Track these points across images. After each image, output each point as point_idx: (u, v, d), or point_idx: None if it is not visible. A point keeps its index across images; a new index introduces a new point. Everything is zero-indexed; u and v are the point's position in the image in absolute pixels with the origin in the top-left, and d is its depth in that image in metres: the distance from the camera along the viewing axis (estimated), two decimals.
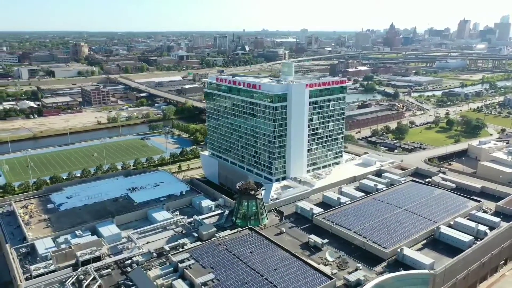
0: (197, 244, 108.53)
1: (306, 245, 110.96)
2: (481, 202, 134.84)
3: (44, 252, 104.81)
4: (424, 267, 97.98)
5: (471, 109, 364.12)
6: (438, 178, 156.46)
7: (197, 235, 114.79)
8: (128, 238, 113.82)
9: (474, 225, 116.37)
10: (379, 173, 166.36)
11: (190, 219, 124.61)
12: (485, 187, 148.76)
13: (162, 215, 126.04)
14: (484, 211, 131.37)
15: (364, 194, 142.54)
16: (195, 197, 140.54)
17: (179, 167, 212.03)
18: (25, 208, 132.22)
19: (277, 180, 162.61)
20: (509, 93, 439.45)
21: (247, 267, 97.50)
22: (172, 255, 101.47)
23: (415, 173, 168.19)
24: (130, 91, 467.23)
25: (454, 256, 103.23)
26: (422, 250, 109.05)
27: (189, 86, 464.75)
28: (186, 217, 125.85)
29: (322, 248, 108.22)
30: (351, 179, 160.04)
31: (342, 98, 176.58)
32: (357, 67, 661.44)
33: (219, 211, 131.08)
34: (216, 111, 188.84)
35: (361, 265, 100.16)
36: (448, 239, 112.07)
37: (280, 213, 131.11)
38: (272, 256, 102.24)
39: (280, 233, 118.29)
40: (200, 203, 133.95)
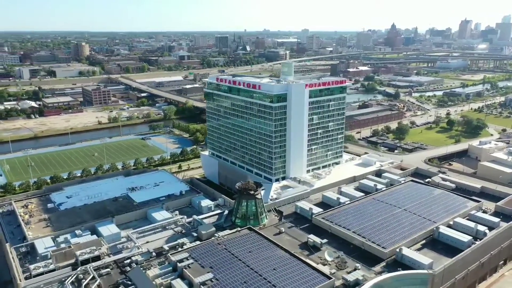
0: (196, 243, 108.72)
1: (305, 245, 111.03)
2: (481, 202, 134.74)
3: (43, 252, 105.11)
4: (423, 267, 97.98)
5: (472, 109, 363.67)
6: (438, 178, 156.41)
7: (196, 234, 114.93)
8: (128, 237, 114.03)
9: (473, 225, 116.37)
10: (379, 173, 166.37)
11: (190, 218, 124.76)
12: (485, 187, 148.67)
13: (161, 215, 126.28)
14: (484, 211, 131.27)
15: (363, 194, 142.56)
16: (194, 197, 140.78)
17: (179, 167, 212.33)
18: (25, 208, 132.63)
19: (277, 180, 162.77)
20: (510, 93, 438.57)
21: (246, 266, 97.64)
22: (171, 254, 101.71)
23: (415, 173, 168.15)
24: (131, 91, 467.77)
25: (453, 256, 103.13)
26: (421, 250, 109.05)
27: (190, 86, 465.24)
28: (185, 216, 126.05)
29: (321, 248, 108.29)
30: (350, 179, 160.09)
31: (342, 98, 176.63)
32: (358, 67, 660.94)
33: (218, 211, 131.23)
34: (216, 111, 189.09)
35: (360, 265, 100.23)
36: (447, 239, 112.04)
37: (280, 213, 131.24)
38: (271, 255, 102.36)
39: (279, 233, 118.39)
40: (200, 203, 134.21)
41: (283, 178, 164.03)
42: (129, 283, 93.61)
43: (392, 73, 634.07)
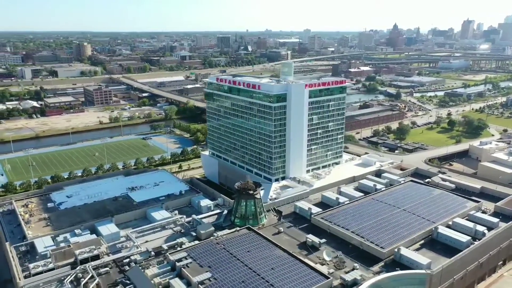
0: (195, 243, 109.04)
1: (303, 244, 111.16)
2: (480, 202, 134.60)
3: (43, 251, 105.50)
4: (421, 267, 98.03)
5: (473, 109, 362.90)
6: (437, 179, 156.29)
7: (195, 234, 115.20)
8: (127, 237, 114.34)
9: (472, 225, 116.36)
10: (378, 173, 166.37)
11: (189, 218, 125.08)
12: (484, 187, 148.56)
13: (161, 214, 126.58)
14: (483, 211, 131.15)
15: (363, 194, 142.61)
16: (194, 197, 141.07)
17: (180, 166, 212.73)
18: (25, 207, 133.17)
19: (277, 180, 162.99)
20: None
21: (244, 266, 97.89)
22: (170, 254, 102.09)
23: (414, 173, 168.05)
24: (133, 91, 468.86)
25: (451, 256, 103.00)
26: (420, 250, 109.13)
27: (191, 86, 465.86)
28: (185, 216, 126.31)
29: (319, 248, 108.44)
30: (350, 179, 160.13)
31: (342, 98, 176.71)
32: (360, 67, 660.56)
33: (217, 211, 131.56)
34: (216, 111, 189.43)
35: (358, 264, 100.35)
36: (446, 239, 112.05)
37: (279, 213, 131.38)
38: (270, 255, 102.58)
39: (278, 232, 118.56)
40: (199, 202, 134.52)
41: (283, 178, 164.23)
42: (128, 282, 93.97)
43: (393, 73, 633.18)
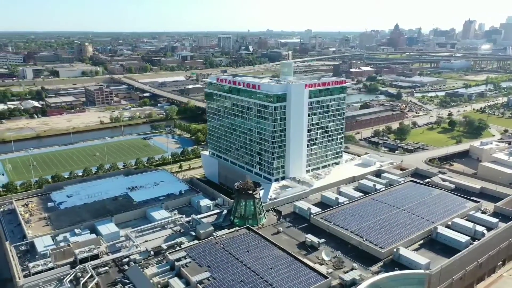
0: (194, 243, 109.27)
1: (303, 244, 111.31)
2: (480, 202, 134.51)
3: (43, 250, 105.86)
4: (419, 267, 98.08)
5: (474, 110, 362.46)
6: (437, 179, 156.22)
7: (194, 234, 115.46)
8: (127, 236, 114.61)
9: (471, 225, 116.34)
10: (378, 173, 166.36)
11: (189, 218, 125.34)
12: (484, 187, 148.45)
13: (160, 214, 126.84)
14: (483, 211, 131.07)
15: (362, 194, 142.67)
16: (194, 197, 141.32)
17: (180, 166, 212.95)
18: (25, 207, 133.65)
19: (276, 180, 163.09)
20: None
21: (243, 266, 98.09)
22: (169, 253, 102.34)
23: (414, 173, 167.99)
24: (134, 91, 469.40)
25: (450, 257, 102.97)
26: (419, 250, 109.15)
27: (192, 86, 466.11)
28: (184, 216, 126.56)
29: (318, 248, 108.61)
30: (350, 179, 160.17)
31: (342, 98, 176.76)
32: (361, 67, 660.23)
33: (217, 211, 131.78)
34: (216, 111, 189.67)
35: (357, 264, 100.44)
36: (445, 239, 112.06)
37: (278, 212, 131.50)
38: (268, 255, 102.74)
39: (277, 232, 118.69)
40: (199, 202, 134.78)
41: (283, 178, 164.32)
42: (127, 281, 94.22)
43: (395, 74, 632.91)
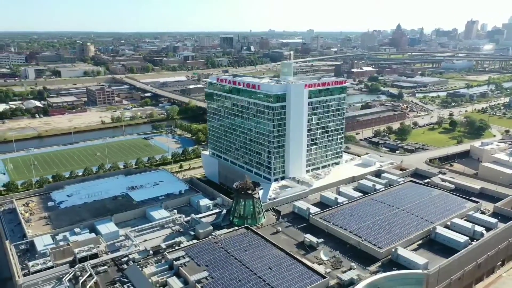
0: (193, 242, 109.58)
1: (301, 244, 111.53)
2: (479, 203, 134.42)
3: (42, 249, 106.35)
4: (418, 267, 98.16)
5: (476, 110, 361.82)
6: (437, 179, 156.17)
7: (194, 233, 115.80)
8: (126, 236, 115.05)
9: (470, 226, 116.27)
10: (378, 173, 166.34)
11: (188, 217, 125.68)
12: (484, 188, 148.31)
13: (160, 214, 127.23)
14: (482, 212, 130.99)
15: (362, 194, 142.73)
16: (193, 196, 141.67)
17: (181, 166, 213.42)
18: (25, 206, 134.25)
19: (276, 180, 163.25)
20: None
21: (241, 265, 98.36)
22: (168, 253, 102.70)
23: (414, 173, 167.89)
24: (135, 91, 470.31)
25: (449, 257, 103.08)
26: (418, 250, 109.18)
27: (193, 86, 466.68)
28: (183, 215, 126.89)
29: (317, 248, 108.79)
30: (349, 179, 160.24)
31: (342, 99, 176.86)
32: (362, 67, 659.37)
33: (216, 210, 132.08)
34: (216, 111, 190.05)
35: (355, 264, 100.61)
36: (443, 239, 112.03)
37: (278, 212, 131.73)
38: (267, 255, 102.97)
39: (276, 232, 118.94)
40: (198, 202, 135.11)
41: (282, 178, 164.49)
42: (126, 280, 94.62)
43: (396, 74, 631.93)
